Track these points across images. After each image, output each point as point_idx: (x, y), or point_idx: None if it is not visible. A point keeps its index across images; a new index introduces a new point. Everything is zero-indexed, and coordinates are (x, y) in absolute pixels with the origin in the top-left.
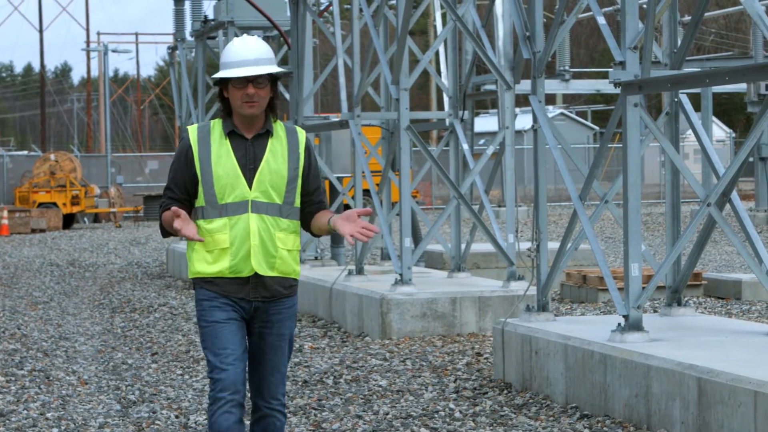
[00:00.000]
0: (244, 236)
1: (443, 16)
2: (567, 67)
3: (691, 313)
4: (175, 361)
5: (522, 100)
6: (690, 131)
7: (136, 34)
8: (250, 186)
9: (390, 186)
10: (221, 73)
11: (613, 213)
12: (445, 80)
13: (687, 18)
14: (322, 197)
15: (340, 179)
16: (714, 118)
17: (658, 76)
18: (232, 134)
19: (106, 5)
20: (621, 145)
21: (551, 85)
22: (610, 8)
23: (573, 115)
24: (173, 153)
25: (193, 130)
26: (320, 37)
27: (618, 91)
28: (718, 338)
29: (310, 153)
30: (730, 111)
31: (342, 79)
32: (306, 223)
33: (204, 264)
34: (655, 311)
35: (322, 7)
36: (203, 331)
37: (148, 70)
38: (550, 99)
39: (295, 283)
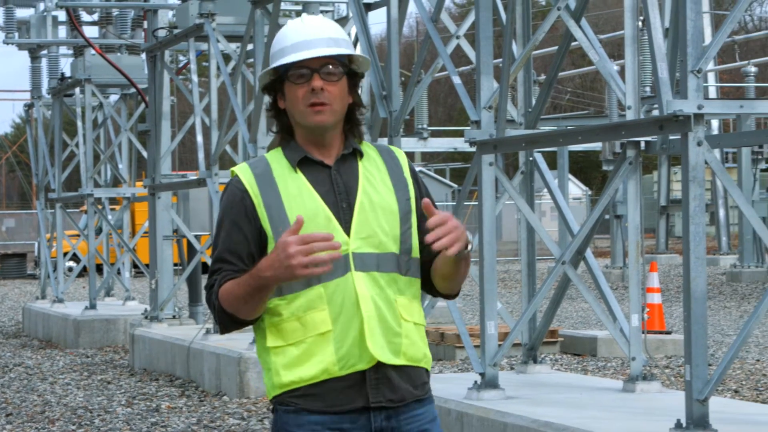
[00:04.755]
0: (352, 308)
1: None
2: (425, 126)
3: (547, 370)
4: (30, 421)
5: None
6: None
7: None
8: (347, 232)
9: None
10: (270, 67)
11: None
12: None
13: (542, 77)
14: None
15: (198, 237)
16: (570, 176)
17: (512, 135)
18: (304, 163)
19: None
20: (477, 203)
21: (409, 143)
22: (467, 67)
23: (431, 173)
24: (30, 211)
25: (244, 170)
26: (178, 95)
27: (474, 149)
28: (574, 395)
29: (418, 178)
30: (587, 169)
31: (200, 138)
32: (426, 279)
33: (294, 369)
34: (512, 368)
35: (180, 65)
36: None
37: (4, 128)
38: (409, 157)
39: (428, 379)
